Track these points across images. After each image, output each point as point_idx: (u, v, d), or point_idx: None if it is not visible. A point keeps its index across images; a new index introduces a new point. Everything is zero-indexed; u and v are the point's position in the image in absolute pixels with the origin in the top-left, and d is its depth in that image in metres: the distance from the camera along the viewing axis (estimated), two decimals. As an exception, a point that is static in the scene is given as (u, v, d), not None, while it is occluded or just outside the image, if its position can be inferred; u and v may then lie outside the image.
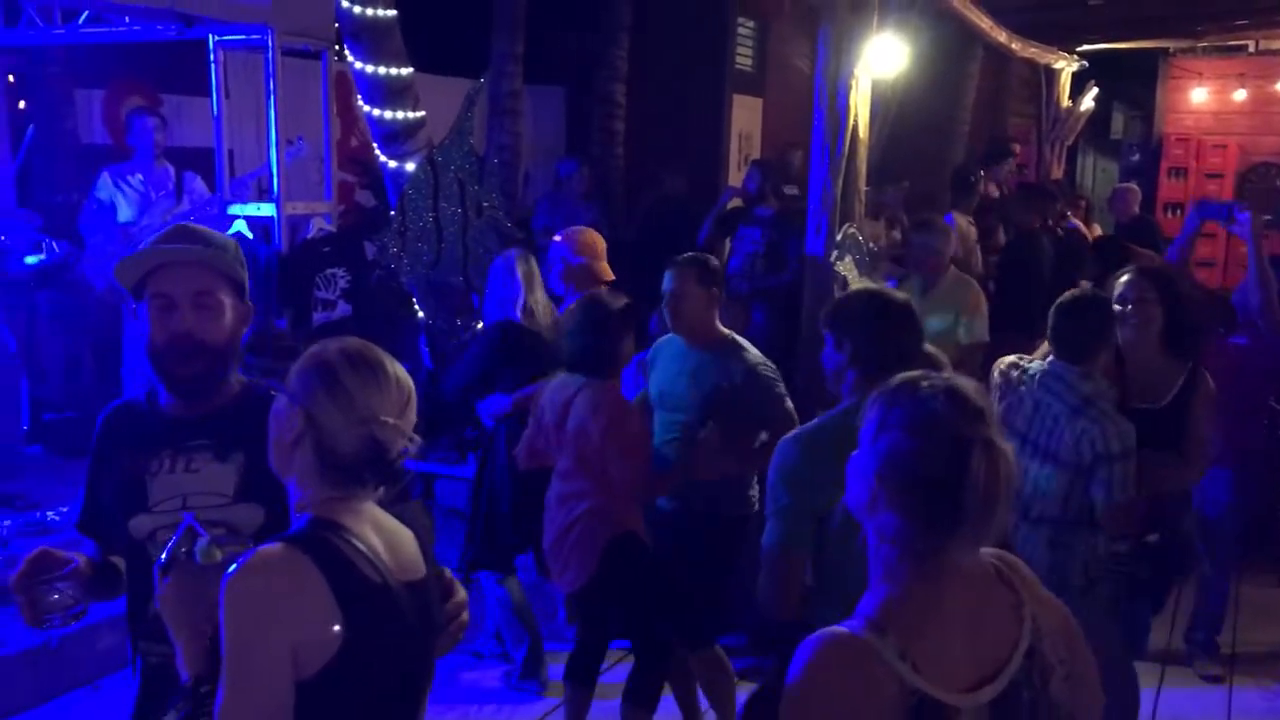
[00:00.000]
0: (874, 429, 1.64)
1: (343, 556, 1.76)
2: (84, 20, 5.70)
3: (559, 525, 3.88)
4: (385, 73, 6.19)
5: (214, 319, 2.20)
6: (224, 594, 1.69)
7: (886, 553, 1.63)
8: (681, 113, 10.32)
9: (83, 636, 4.59)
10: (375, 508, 1.90)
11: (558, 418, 3.86)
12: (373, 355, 1.88)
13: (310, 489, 1.84)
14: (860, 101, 5.53)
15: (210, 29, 5.66)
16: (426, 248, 6.22)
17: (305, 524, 1.80)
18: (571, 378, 3.87)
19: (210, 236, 2.26)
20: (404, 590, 1.85)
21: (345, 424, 1.80)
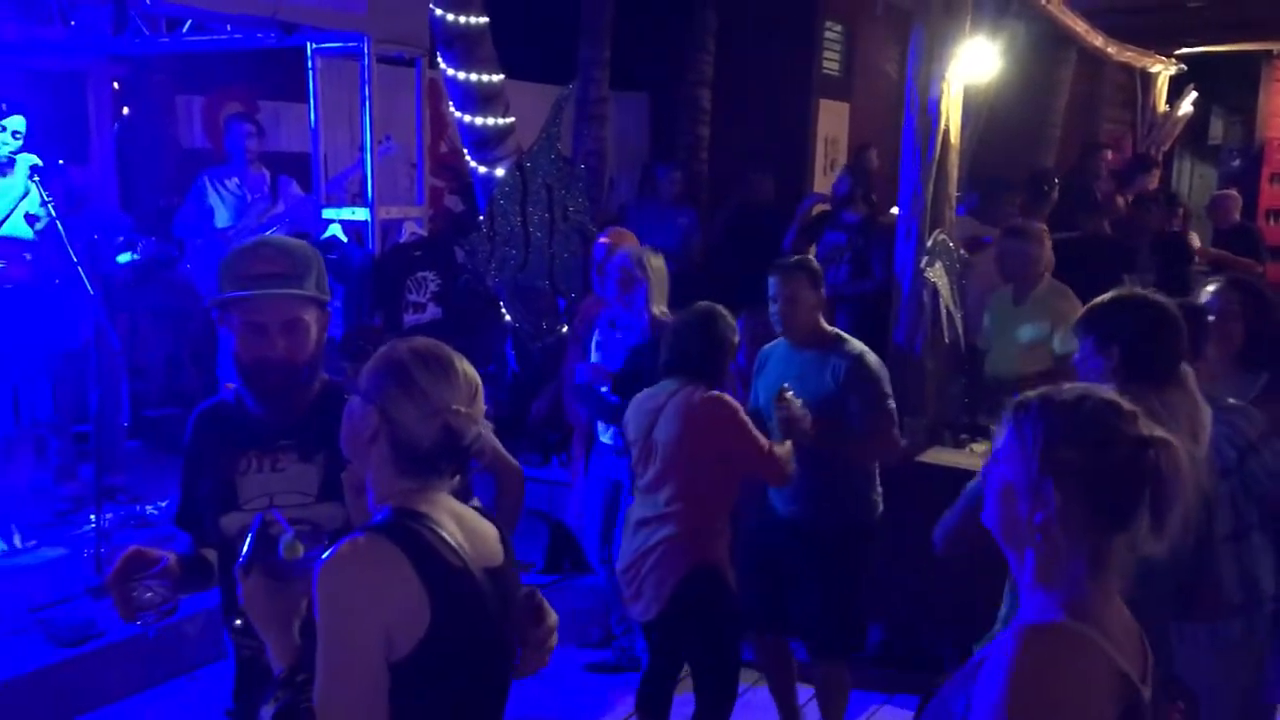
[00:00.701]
0: (1037, 443, 1.65)
1: (426, 542, 1.83)
2: (187, 29, 5.88)
3: (635, 550, 3.75)
4: (477, 79, 6.28)
5: (301, 341, 2.30)
6: (317, 584, 1.76)
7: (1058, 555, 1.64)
8: (767, 118, 10.29)
9: (180, 627, 4.72)
10: (451, 499, 1.97)
11: (644, 429, 3.74)
12: (440, 351, 1.96)
13: (388, 483, 1.92)
14: (952, 106, 5.46)
15: (308, 37, 5.79)
16: (514, 252, 6.30)
17: (388, 514, 1.88)
18: (663, 386, 3.76)
19: (295, 261, 2.32)
20: (484, 575, 1.91)
21: (419, 417, 1.88)
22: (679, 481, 3.67)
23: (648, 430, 3.73)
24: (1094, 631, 1.58)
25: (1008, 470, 1.68)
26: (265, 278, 2.27)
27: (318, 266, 2.36)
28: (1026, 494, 1.65)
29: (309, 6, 5.45)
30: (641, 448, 3.76)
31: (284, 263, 2.30)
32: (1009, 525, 1.69)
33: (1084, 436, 1.63)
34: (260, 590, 1.88)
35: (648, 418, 3.75)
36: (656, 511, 3.71)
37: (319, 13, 5.51)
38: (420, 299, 6.55)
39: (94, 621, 4.63)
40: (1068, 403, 1.66)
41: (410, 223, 6.53)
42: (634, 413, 3.82)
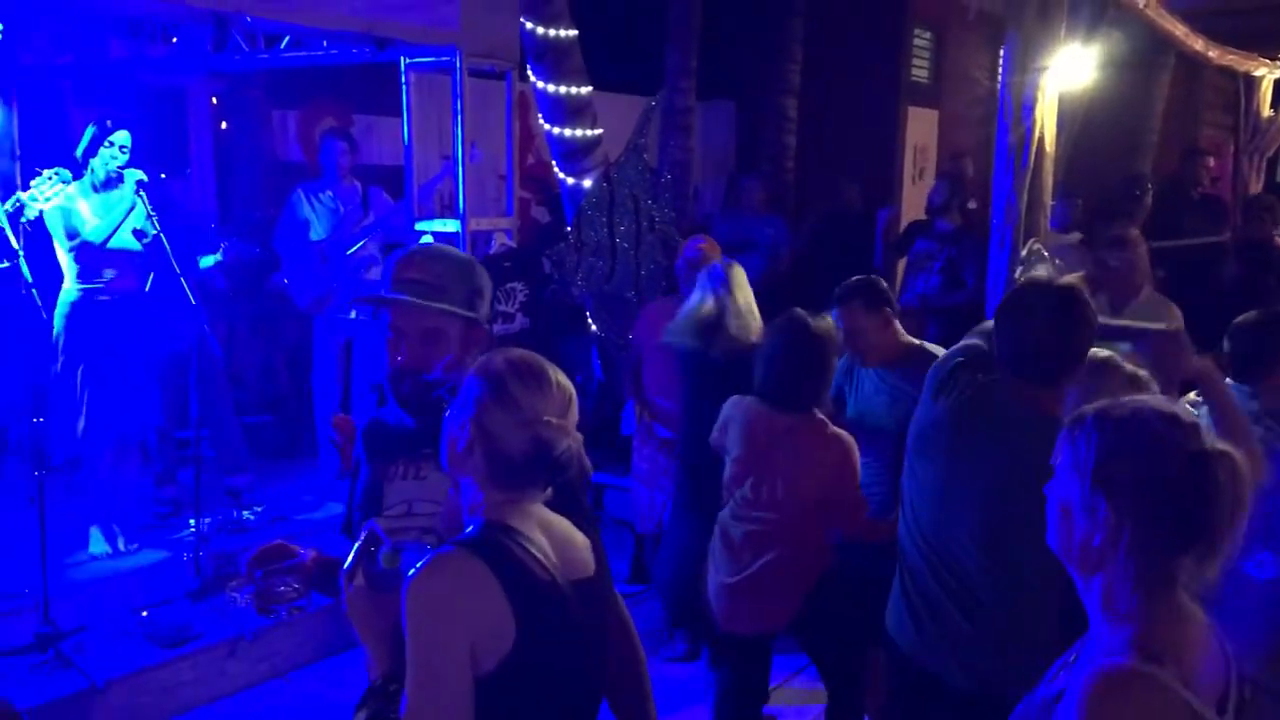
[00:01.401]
0: (1089, 459, 1.60)
1: (513, 557, 1.84)
2: (285, 45, 6.01)
3: (743, 565, 3.66)
4: (566, 91, 6.34)
5: (434, 352, 2.33)
6: (405, 596, 1.78)
7: (1120, 580, 1.59)
8: (854, 126, 10.22)
9: (276, 629, 4.83)
10: (544, 509, 1.98)
11: (754, 446, 3.66)
12: (535, 362, 1.97)
13: (482, 493, 1.93)
14: (1047, 113, 5.37)
15: (402, 51, 5.88)
16: (601, 262, 6.34)
17: (478, 528, 1.90)
18: (766, 404, 3.67)
19: (441, 272, 2.35)
20: (572, 588, 1.91)
21: (513, 428, 1.89)
22: (797, 500, 3.60)
23: (760, 449, 3.65)
24: (1167, 673, 1.50)
25: (1065, 489, 1.63)
26: (409, 283, 2.32)
27: (474, 282, 2.37)
28: (1082, 514, 1.60)
29: (403, 22, 5.54)
30: (748, 464, 3.67)
31: (431, 272, 2.34)
32: (1069, 547, 1.64)
33: (1135, 450, 1.56)
34: (361, 599, 1.92)
35: (759, 436, 3.66)
36: (764, 526, 3.64)
37: (413, 28, 5.60)
38: (509, 309, 6.61)
39: (192, 624, 4.75)
40: (1121, 416, 1.59)
41: (500, 234, 6.60)
42: (740, 427, 3.71)
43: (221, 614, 4.85)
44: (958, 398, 2.73)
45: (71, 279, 5.23)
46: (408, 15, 5.53)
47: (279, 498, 6.09)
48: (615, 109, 7.82)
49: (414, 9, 5.54)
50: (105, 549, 5.27)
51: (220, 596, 4.93)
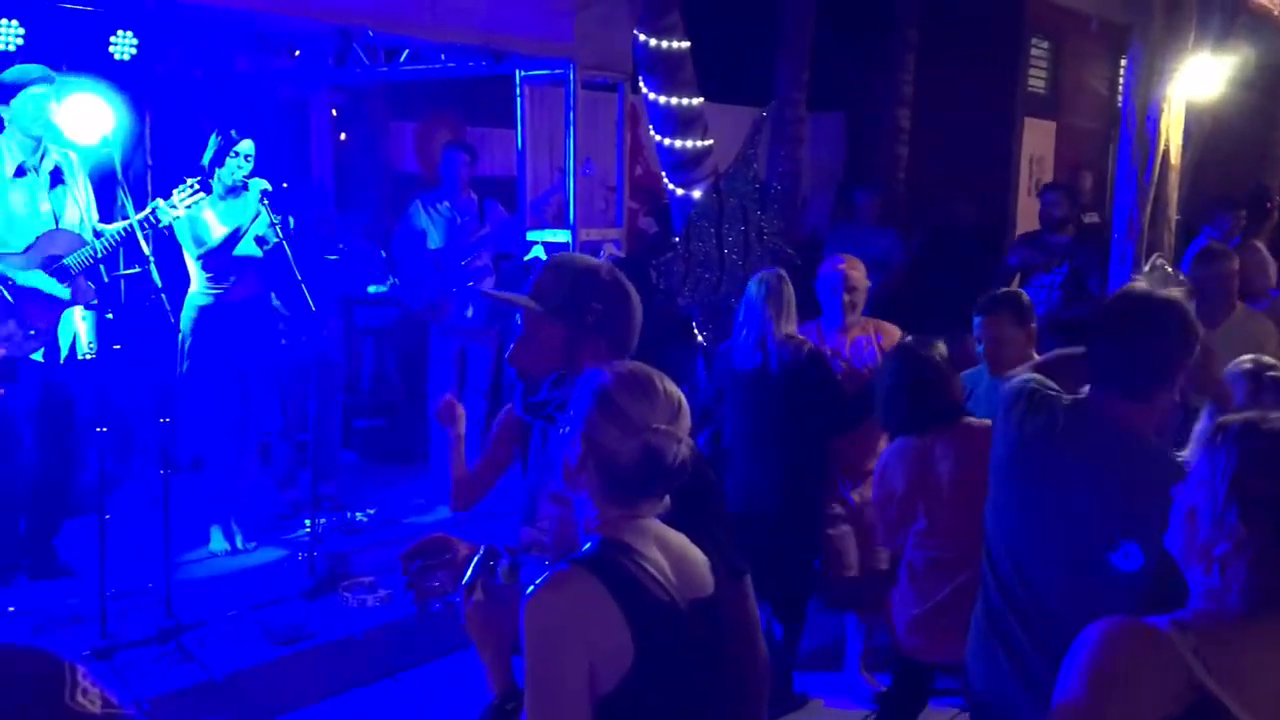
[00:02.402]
0: (1228, 469, 1.55)
1: (630, 576, 1.81)
2: (404, 58, 6.16)
3: (929, 595, 3.64)
4: (677, 103, 6.36)
5: (529, 353, 2.38)
6: (522, 614, 1.77)
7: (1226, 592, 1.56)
8: (969, 137, 10.05)
9: (387, 630, 4.92)
10: (661, 525, 1.94)
11: (914, 477, 3.64)
12: (641, 371, 1.95)
13: (597, 509, 1.91)
14: (1172, 125, 5.22)
15: (517, 64, 5.98)
16: (709, 274, 6.33)
17: (594, 546, 1.87)
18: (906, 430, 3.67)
19: (546, 276, 2.40)
20: (691, 607, 1.88)
21: (621, 438, 1.86)
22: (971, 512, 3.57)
23: (920, 476, 3.62)
24: (1186, 640, 1.50)
25: (1195, 494, 1.60)
26: (531, 288, 2.39)
27: (583, 293, 2.37)
28: (1209, 521, 1.56)
29: (520, 35, 5.63)
30: (914, 497, 3.65)
31: (546, 280, 2.40)
32: (1190, 551, 1.60)
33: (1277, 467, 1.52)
34: (480, 613, 1.92)
35: (915, 465, 3.64)
36: (945, 552, 3.60)
37: (529, 41, 5.68)
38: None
39: (305, 622, 4.87)
40: (1270, 430, 1.55)
41: (609, 244, 6.65)
42: (899, 464, 3.70)
43: (334, 614, 4.96)
44: (1045, 421, 2.64)
45: (198, 284, 5.42)
46: (524, 29, 5.62)
47: (390, 501, 6.22)
48: (725, 120, 7.81)
49: (530, 23, 5.63)
50: (225, 546, 5.44)
51: (333, 596, 5.04)
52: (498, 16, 5.49)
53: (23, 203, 4.80)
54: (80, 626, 4.60)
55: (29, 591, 4.95)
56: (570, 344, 2.34)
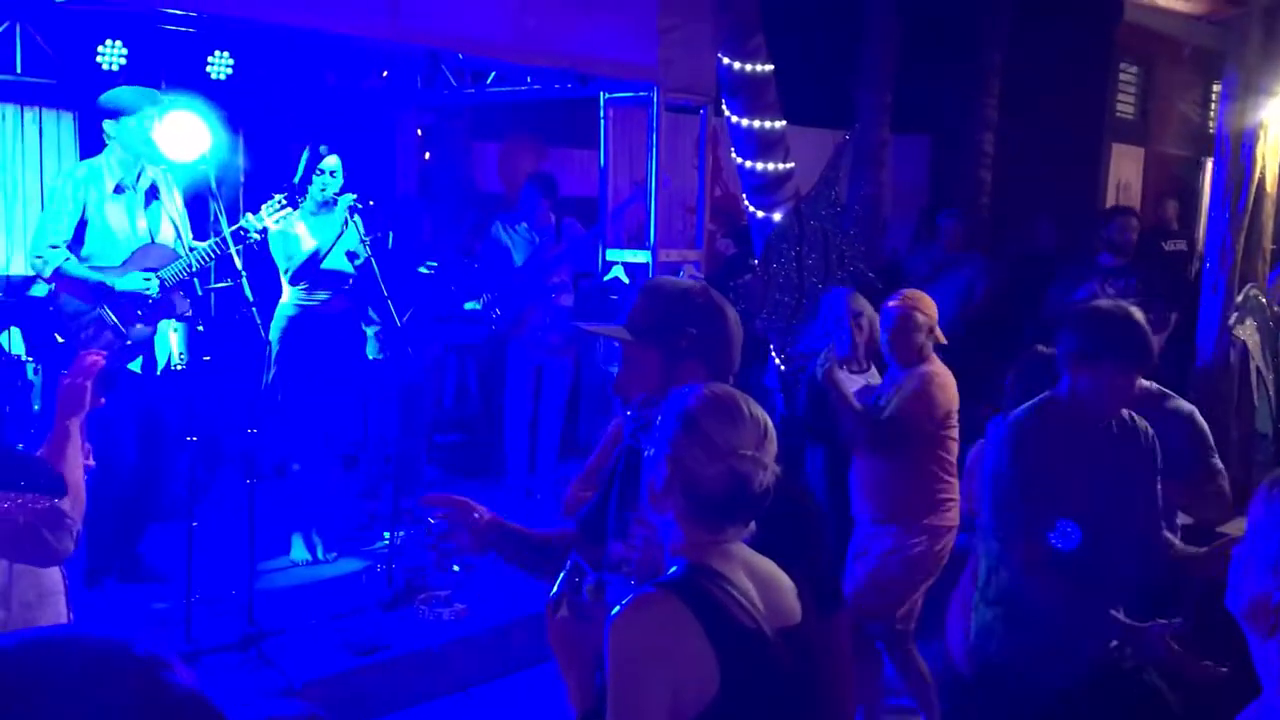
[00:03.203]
0: None
1: (716, 602, 1.79)
2: (491, 80, 6.25)
3: None
4: (760, 125, 6.37)
5: (626, 376, 2.39)
6: (607, 635, 1.77)
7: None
8: (1054, 162, 9.91)
9: (462, 644, 4.97)
10: (749, 551, 1.92)
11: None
12: (727, 394, 1.93)
13: (683, 533, 1.89)
14: (1269, 152, 5.10)
15: (602, 86, 6.04)
16: (788, 297, 6.31)
17: (681, 569, 1.85)
18: None
19: (641, 302, 2.40)
20: (778, 636, 1.85)
21: (707, 462, 1.85)
22: None
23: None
24: None
25: (1257, 549, 1.53)
26: (629, 314, 2.40)
27: (675, 318, 2.35)
28: (1268, 573, 1.50)
29: (605, 58, 5.68)
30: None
31: (642, 305, 2.40)
32: (1252, 611, 1.53)
33: None
34: (565, 630, 1.92)
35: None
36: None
37: (614, 64, 5.74)
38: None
39: (383, 634, 4.93)
40: None
41: (688, 266, 6.66)
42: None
43: (410, 626, 5.02)
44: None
45: (288, 297, 5.54)
46: (610, 52, 5.67)
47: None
48: (807, 142, 7.81)
49: (616, 46, 5.68)
50: (306, 556, 5.54)
51: (410, 608, 5.10)
52: (585, 40, 5.55)
53: (120, 220, 4.95)
54: (165, 630, 4.71)
55: (116, 594, 5.08)
56: (667, 369, 2.32)
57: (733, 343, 2.37)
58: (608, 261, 6.32)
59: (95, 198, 4.90)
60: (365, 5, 4.87)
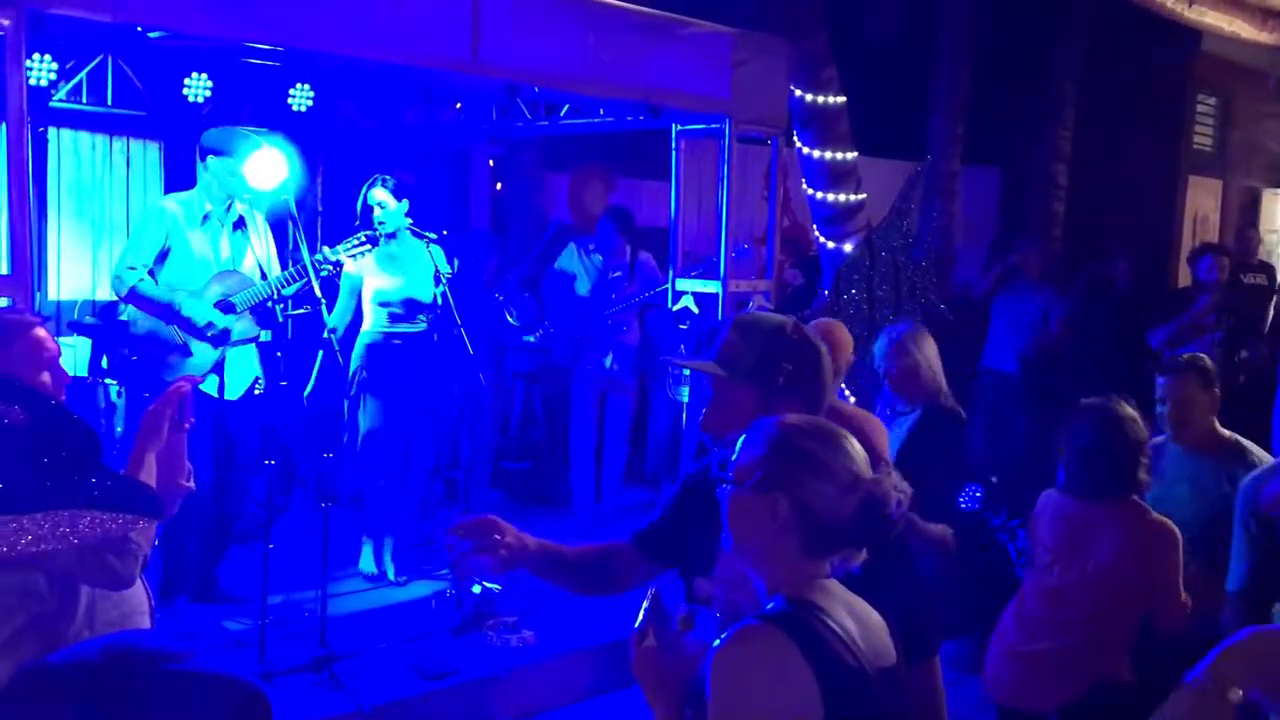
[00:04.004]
0: None
1: (821, 637, 1.76)
2: (564, 112, 6.33)
3: (1032, 643, 3.56)
4: (831, 157, 6.38)
5: (715, 413, 2.38)
6: (710, 667, 1.74)
7: None
8: (1128, 195, 9.77)
9: (530, 670, 4.98)
10: (845, 590, 1.89)
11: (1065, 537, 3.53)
12: (821, 423, 1.91)
13: (785, 569, 1.85)
14: (1356, 185, 4.98)
15: (674, 118, 6.08)
16: (858, 328, 6.29)
17: (783, 604, 1.81)
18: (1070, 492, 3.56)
19: (733, 339, 2.39)
20: (878, 676, 1.82)
21: (837, 493, 1.81)
22: (1100, 595, 3.45)
23: (1072, 542, 3.52)
24: None
25: None
26: (718, 348, 2.39)
27: (767, 353, 2.35)
28: None
29: (679, 90, 5.72)
30: (1058, 555, 3.56)
31: (732, 339, 2.39)
32: None
33: None
34: (651, 660, 1.89)
35: (1071, 530, 3.54)
36: (1069, 616, 3.50)
37: (688, 96, 5.78)
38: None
39: (452, 659, 4.96)
40: None
41: (758, 296, 6.66)
42: (1051, 522, 3.61)
43: (479, 651, 5.04)
44: None
45: (366, 324, 5.63)
46: (683, 84, 5.71)
47: (538, 540, 6.29)
48: (878, 173, 7.78)
49: (689, 78, 5.72)
50: (373, 569, 5.60)
51: (478, 634, 5.13)
52: (659, 72, 5.60)
53: (204, 249, 5.08)
54: (240, 651, 4.78)
55: (191, 615, 5.16)
56: (762, 407, 2.30)
57: (826, 379, 2.37)
58: (677, 291, 6.33)
59: (182, 228, 5.03)
60: (446, 40, 4.96)
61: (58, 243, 6.71)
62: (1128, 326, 7.59)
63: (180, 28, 4.49)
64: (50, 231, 6.63)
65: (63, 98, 6.12)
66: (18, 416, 1.66)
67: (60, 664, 1.20)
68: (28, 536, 1.65)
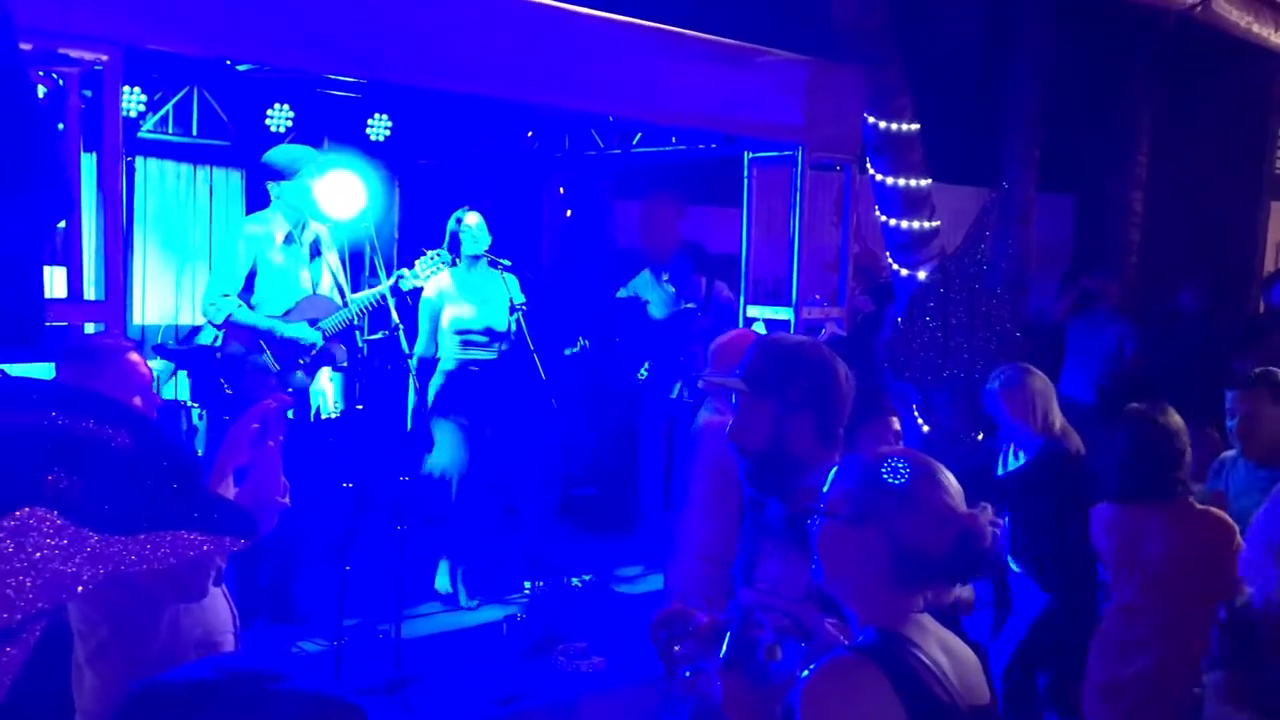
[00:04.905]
0: None
1: (912, 671, 1.75)
2: (637, 141, 6.38)
3: (1112, 672, 3.59)
4: (905, 184, 6.35)
5: (744, 429, 2.44)
6: (799, 698, 1.74)
7: None
8: (1207, 221, 9.57)
9: (599, 696, 4.97)
10: (938, 625, 1.87)
11: (1115, 550, 3.61)
12: (917, 457, 1.89)
13: (878, 601, 1.84)
14: None
15: (747, 146, 6.11)
16: (932, 355, 6.23)
17: (874, 636, 1.80)
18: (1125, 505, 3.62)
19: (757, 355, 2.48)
20: (970, 713, 1.80)
21: (929, 527, 1.81)
22: (1165, 601, 3.47)
23: (1128, 551, 3.58)
24: None
25: None
26: (742, 369, 2.47)
27: (787, 364, 2.43)
28: None
29: (752, 119, 5.75)
30: (1119, 570, 3.61)
31: (751, 356, 2.47)
32: None
33: None
34: (739, 690, 1.91)
35: (1119, 532, 3.61)
36: (1140, 633, 3.53)
37: (760, 124, 5.80)
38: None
39: (522, 684, 4.98)
40: None
41: (830, 323, 6.64)
42: (1103, 530, 3.69)
43: (549, 676, 5.06)
44: None
45: (441, 350, 5.70)
46: (758, 112, 5.74)
47: (604, 567, 6.31)
48: (952, 200, 7.73)
49: (764, 106, 5.74)
50: (447, 588, 5.65)
51: (548, 659, 5.14)
52: (734, 100, 5.63)
53: (286, 270, 5.19)
54: (315, 672, 4.83)
55: (267, 634, 5.24)
56: (777, 421, 2.40)
57: (843, 396, 2.44)
58: (748, 318, 6.34)
59: (264, 250, 5.14)
60: (528, 72, 5.03)
61: (143, 269, 6.89)
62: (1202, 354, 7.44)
63: (267, 60, 4.61)
64: (135, 258, 6.81)
65: (150, 128, 6.31)
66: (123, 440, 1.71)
67: (175, 682, 1.24)
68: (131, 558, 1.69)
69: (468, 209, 5.62)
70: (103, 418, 1.68)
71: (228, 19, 4.18)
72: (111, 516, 1.76)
